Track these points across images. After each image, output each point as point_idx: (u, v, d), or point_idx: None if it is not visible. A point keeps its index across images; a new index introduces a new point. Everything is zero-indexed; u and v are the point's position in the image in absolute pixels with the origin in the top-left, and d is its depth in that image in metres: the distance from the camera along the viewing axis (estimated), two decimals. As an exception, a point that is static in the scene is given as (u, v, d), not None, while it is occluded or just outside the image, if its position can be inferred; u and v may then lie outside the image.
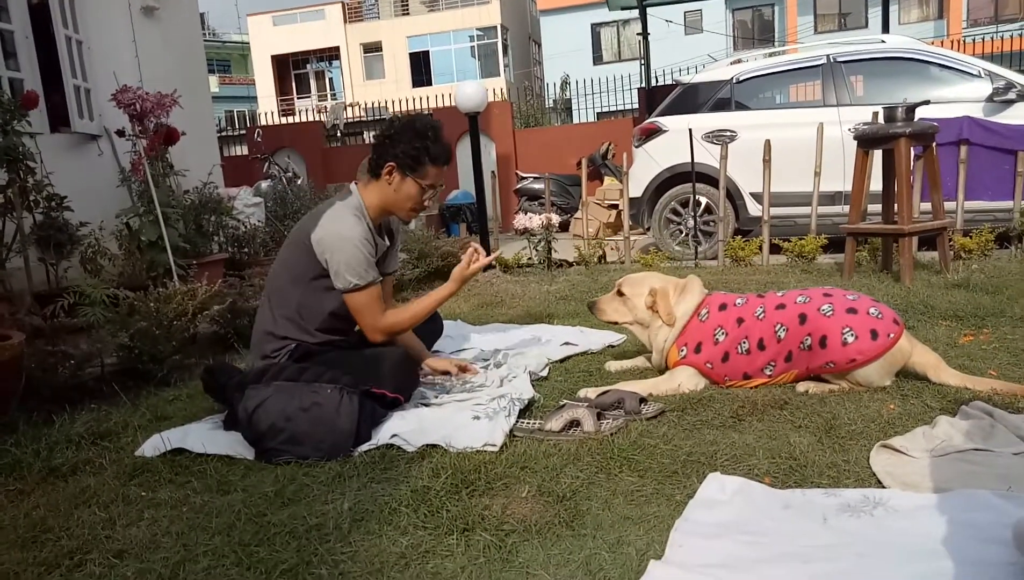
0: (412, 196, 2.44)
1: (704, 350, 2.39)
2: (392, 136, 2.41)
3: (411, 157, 2.39)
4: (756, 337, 2.32)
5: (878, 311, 2.23)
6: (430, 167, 2.42)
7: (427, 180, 2.43)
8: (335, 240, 2.32)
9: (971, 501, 1.51)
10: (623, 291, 2.64)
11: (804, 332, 2.24)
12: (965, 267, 4.20)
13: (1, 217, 3.66)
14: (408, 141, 2.38)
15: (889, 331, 2.19)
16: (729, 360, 2.35)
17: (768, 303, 2.37)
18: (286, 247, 2.50)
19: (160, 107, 4.33)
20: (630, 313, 2.61)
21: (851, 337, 2.17)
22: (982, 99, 5.25)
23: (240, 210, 5.86)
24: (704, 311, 2.47)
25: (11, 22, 4.51)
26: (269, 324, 2.45)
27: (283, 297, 2.44)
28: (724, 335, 2.37)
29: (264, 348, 2.44)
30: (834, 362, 2.20)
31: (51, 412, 2.45)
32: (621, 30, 26.18)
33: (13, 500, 1.84)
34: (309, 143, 11.19)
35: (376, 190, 2.45)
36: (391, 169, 2.41)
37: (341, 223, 2.35)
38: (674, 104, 6.30)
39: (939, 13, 23.38)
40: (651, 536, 1.47)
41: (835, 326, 2.19)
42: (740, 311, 2.40)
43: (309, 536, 1.55)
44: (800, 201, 5.37)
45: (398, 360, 2.37)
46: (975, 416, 1.93)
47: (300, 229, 2.45)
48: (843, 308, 2.23)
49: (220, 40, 37.80)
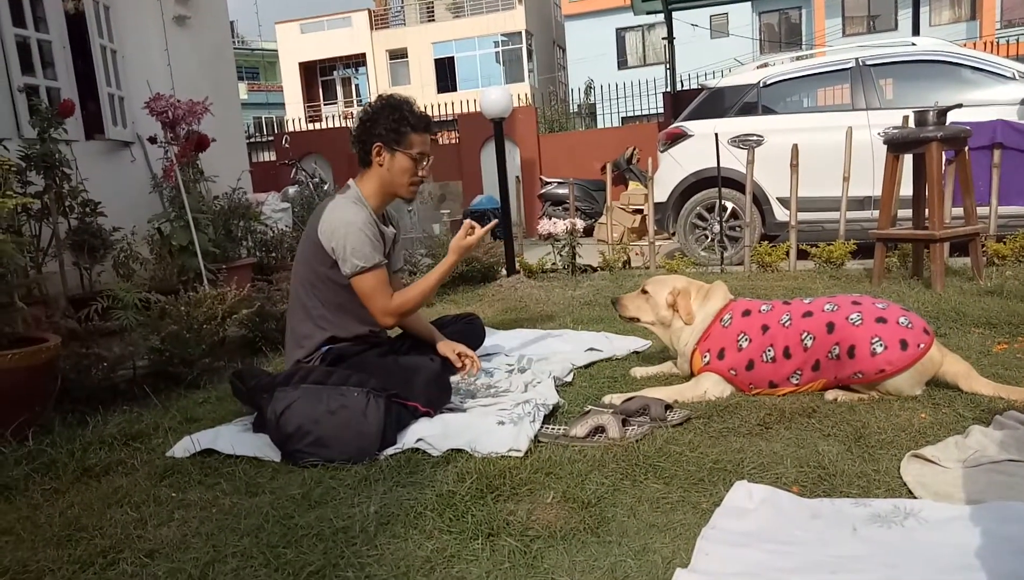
0: (407, 168, 2.48)
1: (728, 356, 2.37)
2: (370, 119, 2.46)
3: (393, 131, 2.43)
4: (782, 345, 2.29)
5: (908, 320, 2.18)
6: (413, 135, 2.45)
7: (415, 149, 2.46)
8: (338, 226, 2.37)
9: (1006, 513, 1.48)
10: (647, 290, 2.65)
11: (832, 341, 2.20)
12: (999, 273, 4.12)
13: (37, 222, 3.75)
14: (387, 117, 2.43)
15: (919, 341, 2.15)
16: (754, 368, 2.33)
17: (795, 311, 2.34)
18: (300, 245, 2.55)
19: (192, 114, 4.41)
20: (651, 311, 2.62)
21: (880, 347, 2.13)
22: (1016, 102, 5.14)
23: (268, 215, 5.96)
24: (727, 316, 2.45)
25: (49, 32, 4.63)
26: (299, 326, 2.49)
27: (305, 300, 2.47)
28: (748, 341, 2.35)
29: (295, 354, 2.48)
30: (863, 372, 2.16)
31: (85, 413, 2.50)
32: (646, 34, 26.09)
33: (49, 499, 1.88)
34: (336, 149, 11.30)
35: (372, 177, 2.50)
36: (379, 149, 2.45)
37: (342, 211, 2.41)
38: (700, 108, 6.26)
39: (971, 14, 22.95)
40: (677, 544, 1.46)
41: (864, 336, 2.16)
42: (765, 318, 2.38)
43: (336, 539, 1.56)
44: (828, 206, 5.31)
45: (432, 376, 2.35)
46: (1010, 426, 1.89)
47: (308, 227, 2.51)
48: (872, 317, 2.19)
49: (249, 48, 38.36)
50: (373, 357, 2.49)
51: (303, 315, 2.48)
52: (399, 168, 2.47)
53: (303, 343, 2.47)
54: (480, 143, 11.08)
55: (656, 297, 2.61)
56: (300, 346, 2.47)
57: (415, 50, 29.35)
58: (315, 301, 2.45)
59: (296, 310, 2.51)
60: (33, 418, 2.31)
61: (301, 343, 2.47)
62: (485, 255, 5.71)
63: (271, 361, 3.31)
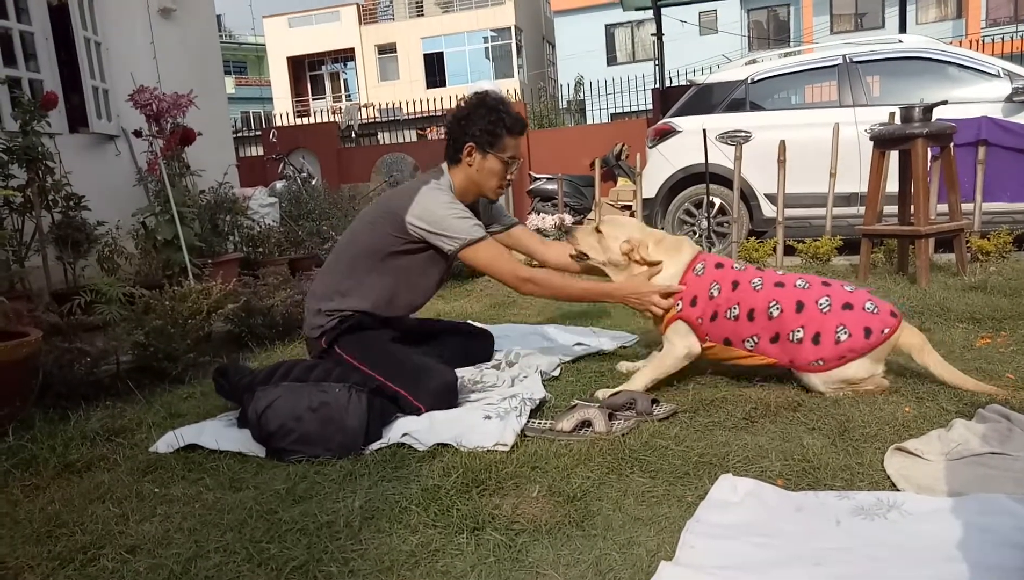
0: (496, 172, 2.45)
1: (699, 304, 2.35)
2: (465, 117, 2.42)
3: (488, 133, 2.39)
4: (748, 306, 2.28)
5: (874, 306, 2.21)
6: (508, 139, 2.42)
7: (507, 152, 2.43)
8: (437, 210, 2.35)
9: (987, 505, 1.49)
10: (601, 229, 2.55)
11: (798, 322, 2.22)
12: (983, 269, 4.15)
13: (20, 216, 3.71)
14: (482, 118, 2.39)
15: (884, 326, 2.17)
16: (716, 321, 2.32)
17: (767, 278, 2.34)
18: (368, 221, 2.49)
19: (176, 107, 4.36)
20: (603, 253, 2.53)
21: (844, 335, 2.16)
22: (1001, 99, 5.19)
23: (255, 210, 5.91)
24: (700, 266, 2.41)
25: (31, 24, 4.57)
26: (339, 283, 2.45)
27: (358, 267, 2.43)
28: (719, 291, 2.33)
29: (324, 304, 2.43)
30: (824, 360, 2.19)
31: (67, 408, 2.47)
32: (635, 31, 26.13)
33: (29, 495, 1.86)
34: (324, 144, 11.24)
35: (460, 173, 2.47)
36: (471, 150, 2.42)
37: (438, 197, 2.38)
38: (688, 105, 6.27)
39: (957, 13, 23.13)
40: (662, 537, 1.46)
41: (830, 323, 2.18)
42: (737, 275, 2.36)
43: (320, 533, 1.55)
44: (815, 202, 5.33)
45: (448, 385, 2.28)
46: (992, 419, 1.90)
47: (388, 205, 2.45)
48: (840, 303, 2.21)
49: (236, 42, 38.10)
50: (388, 341, 2.44)
51: (352, 278, 2.44)
52: (489, 170, 2.44)
53: (335, 298, 2.43)
54: (469, 138, 11.05)
55: (609, 241, 2.51)
56: (331, 299, 2.43)
57: (404, 45, 29.26)
58: (373, 273, 2.42)
59: (345, 272, 2.46)
60: (14, 413, 2.28)
61: (333, 297, 2.43)
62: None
63: (257, 356, 3.29)
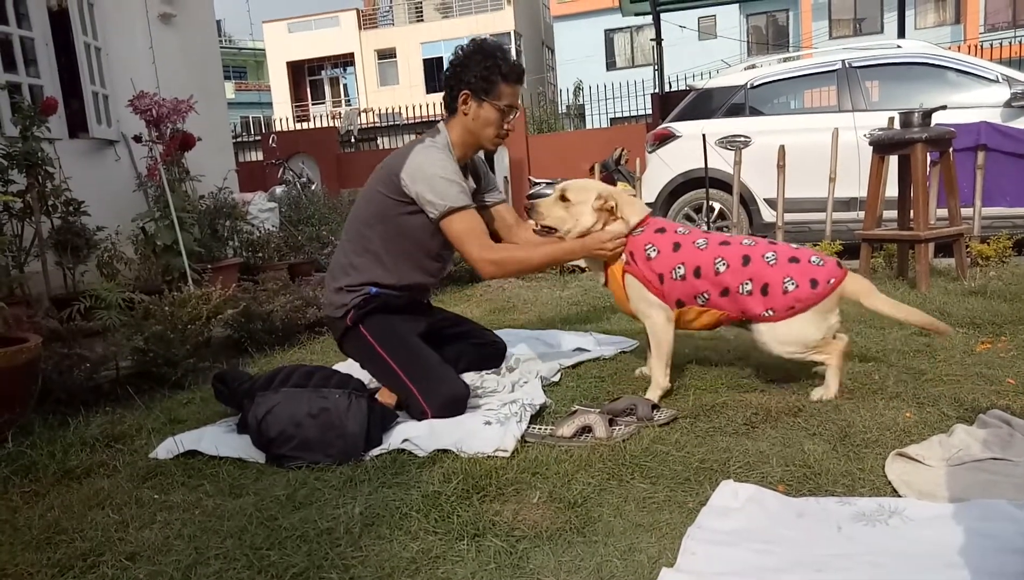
0: (492, 120, 2.41)
1: (637, 261, 2.36)
2: (461, 64, 2.39)
3: (483, 79, 2.36)
4: (693, 265, 2.31)
5: (819, 259, 2.27)
6: (503, 86, 2.38)
7: (503, 100, 2.39)
8: (426, 168, 2.31)
9: (989, 511, 1.49)
10: (567, 197, 2.43)
11: (746, 275, 2.26)
12: (982, 274, 4.15)
13: (20, 221, 3.71)
14: (478, 64, 2.36)
15: (830, 277, 2.22)
16: (664, 283, 2.34)
17: (712, 238, 2.39)
18: (369, 188, 2.47)
19: (176, 113, 4.37)
20: (572, 220, 2.40)
21: (792, 285, 2.21)
22: (1000, 104, 5.20)
23: (255, 215, 5.91)
24: (639, 229, 2.41)
25: (32, 29, 4.57)
26: (350, 256, 2.44)
27: (367, 235, 2.42)
28: (656, 253, 2.34)
29: (341, 280, 2.43)
30: (774, 309, 2.23)
31: (66, 414, 2.47)
32: (634, 36, 26.18)
33: (28, 501, 1.85)
34: (323, 149, 11.25)
35: (456, 124, 2.44)
36: (466, 97, 2.39)
37: (430, 156, 2.35)
38: (688, 109, 6.28)
39: (956, 18, 23.19)
40: (663, 544, 1.46)
41: (777, 275, 2.23)
42: (679, 238, 2.37)
43: (320, 540, 1.55)
44: (815, 207, 5.33)
45: (459, 398, 2.26)
46: (993, 425, 1.90)
47: (386, 168, 2.43)
48: (786, 257, 2.26)
49: (236, 47, 38.14)
50: (407, 330, 2.42)
51: (361, 248, 2.43)
52: (484, 119, 2.40)
53: (350, 272, 2.42)
54: (468, 143, 11.06)
55: (579, 205, 2.40)
56: (347, 274, 2.43)
57: (404, 50, 29.29)
58: (377, 239, 2.41)
59: (354, 242, 2.45)
60: (13, 419, 2.27)
61: (348, 271, 2.43)
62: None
63: (256, 362, 3.28)
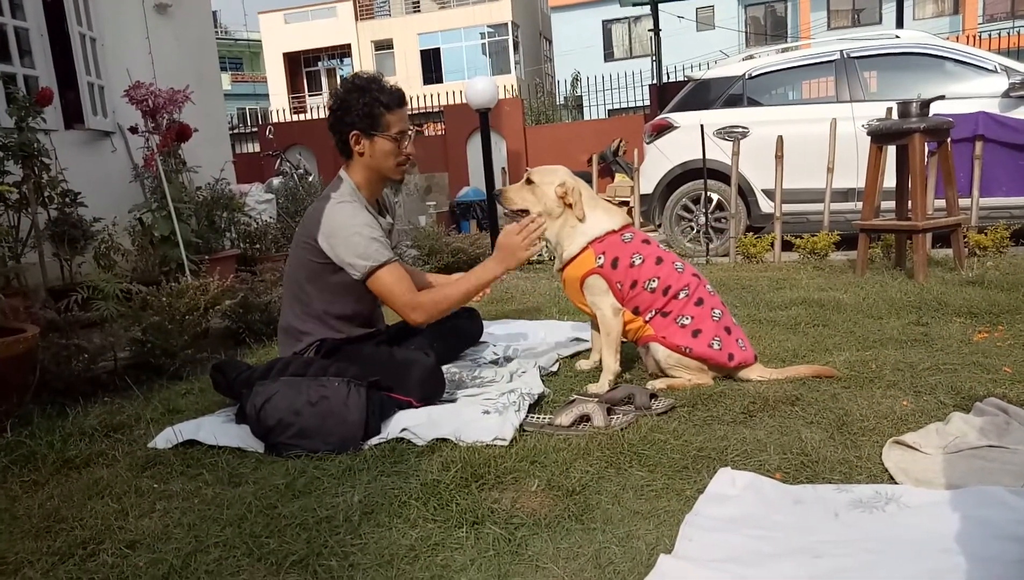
0: (389, 150, 2.39)
1: (620, 267, 2.43)
2: (341, 108, 2.37)
3: (367, 116, 2.34)
4: (666, 282, 2.41)
5: (744, 345, 2.42)
6: (388, 116, 2.36)
7: (393, 129, 2.37)
8: (340, 231, 2.30)
9: (985, 498, 1.50)
10: (532, 179, 2.53)
11: (693, 312, 2.40)
12: (980, 264, 4.16)
13: (16, 213, 3.69)
14: (356, 102, 2.33)
15: (742, 360, 2.39)
16: (636, 289, 2.42)
17: (688, 268, 2.49)
18: (295, 249, 2.47)
19: (172, 103, 4.35)
20: (538, 202, 2.50)
21: (717, 345, 2.37)
22: (998, 94, 5.19)
23: (252, 206, 5.89)
24: (628, 235, 2.48)
25: (26, 20, 4.54)
26: (295, 322, 2.44)
27: (304, 298, 2.42)
28: (641, 261, 2.42)
29: (294, 346, 2.44)
30: (691, 349, 2.38)
31: (65, 405, 2.47)
32: (632, 26, 26.10)
33: (28, 491, 1.86)
34: (320, 140, 11.19)
35: (357, 167, 2.43)
36: (357, 137, 2.37)
37: (341, 214, 2.33)
38: (686, 100, 6.27)
39: (954, 8, 23.14)
40: (661, 530, 1.47)
41: (712, 330, 2.38)
42: (662, 253, 2.48)
43: (319, 528, 1.55)
44: (813, 197, 5.34)
45: (429, 370, 2.28)
46: (989, 413, 1.91)
47: (304, 231, 2.42)
48: (724, 324, 2.41)
49: (232, 38, 37.97)
50: (368, 348, 2.45)
51: (303, 312, 2.43)
52: (381, 152, 2.39)
53: (302, 338, 2.43)
54: (466, 135, 11.03)
55: (543, 188, 2.50)
56: (299, 340, 2.43)
57: (401, 41, 29.18)
58: (316, 300, 2.40)
59: (295, 307, 2.46)
60: (11, 409, 2.28)
61: (300, 338, 2.43)
62: (471, 246, 5.70)
63: (255, 352, 3.29)
